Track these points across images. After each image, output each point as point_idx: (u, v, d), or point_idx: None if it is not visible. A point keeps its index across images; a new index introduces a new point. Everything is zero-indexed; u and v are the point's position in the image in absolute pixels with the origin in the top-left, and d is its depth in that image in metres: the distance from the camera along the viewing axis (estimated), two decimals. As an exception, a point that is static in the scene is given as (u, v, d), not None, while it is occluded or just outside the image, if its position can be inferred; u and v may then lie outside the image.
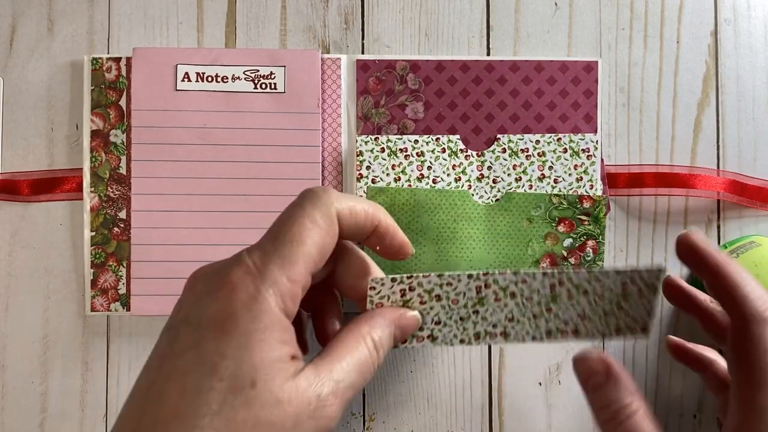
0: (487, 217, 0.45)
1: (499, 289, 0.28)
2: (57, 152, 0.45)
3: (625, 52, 0.47)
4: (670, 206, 0.47)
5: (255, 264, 0.24)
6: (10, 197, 0.45)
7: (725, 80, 0.47)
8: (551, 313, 0.28)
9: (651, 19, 0.47)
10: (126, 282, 0.44)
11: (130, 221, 0.44)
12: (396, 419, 0.45)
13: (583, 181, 0.45)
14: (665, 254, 0.46)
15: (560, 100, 0.46)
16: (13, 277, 0.45)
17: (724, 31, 0.47)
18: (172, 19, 0.46)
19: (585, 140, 0.45)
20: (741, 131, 0.47)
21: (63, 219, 0.45)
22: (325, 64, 0.45)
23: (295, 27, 0.46)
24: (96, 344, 0.45)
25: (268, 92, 0.45)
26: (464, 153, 0.45)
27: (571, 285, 0.28)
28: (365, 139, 0.45)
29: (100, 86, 0.45)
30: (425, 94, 0.45)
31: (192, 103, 0.44)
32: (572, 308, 0.28)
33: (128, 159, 0.45)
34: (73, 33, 0.46)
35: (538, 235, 0.45)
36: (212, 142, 0.44)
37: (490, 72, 0.46)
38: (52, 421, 0.45)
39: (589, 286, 0.28)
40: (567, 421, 0.46)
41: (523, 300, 0.28)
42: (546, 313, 0.28)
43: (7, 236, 0.45)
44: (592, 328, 0.28)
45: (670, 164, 0.46)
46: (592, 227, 0.44)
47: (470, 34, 0.47)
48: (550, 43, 0.47)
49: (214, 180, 0.44)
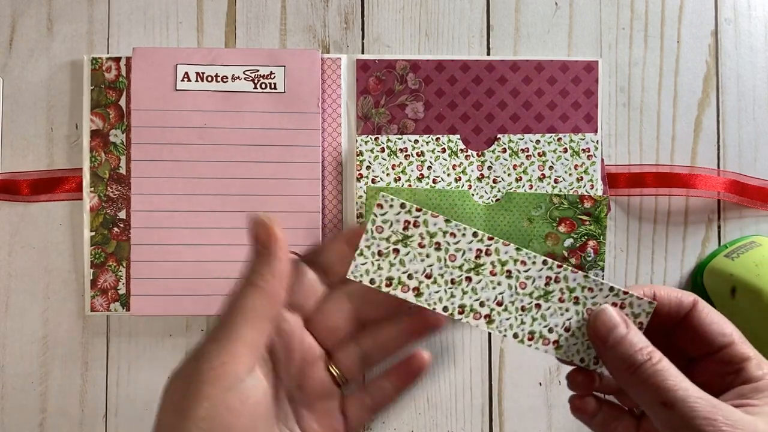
0: (487, 217, 0.45)
1: (498, 262, 0.27)
2: (57, 152, 0.45)
3: (626, 52, 0.47)
4: (671, 206, 0.46)
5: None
6: (10, 197, 0.45)
7: (726, 80, 0.47)
8: (539, 312, 0.27)
9: (651, 18, 0.47)
10: (126, 282, 0.44)
11: (129, 221, 0.44)
12: (396, 419, 0.45)
13: (583, 181, 0.45)
14: (665, 254, 0.46)
15: (560, 99, 0.45)
16: (13, 277, 0.45)
17: (725, 31, 0.47)
18: (172, 19, 0.46)
19: (585, 140, 0.45)
20: (741, 131, 0.47)
21: (63, 219, 0.45)
22: (325, 64, 0.45)
23: (295, 27, 0.46)
24: (96, 344, 0.45)
25: (268, 92, 0.45)
26: (464, 153, 0.45)
27: (565, 286, 0.27)
28: (365, 139, 0.45)
29: (100, 86, 0.45)
30: (425, 93, 0.45)
31: (192, 103, 0.44)
32: (560, 315, 0.27)
33: (128, 159, 0.45)
34: (72, 33, 0.46)
35: (538, 235, 0.44)
36: (212, 141, 0.44)
37: (491, 72, 0.46)
38: (52, 421, 0.45)
39: (581, 293, 0.27)
40: (567, 421, 0.46)
41: (517, 284, 0.27)
42: (535, 308, 0.27)
43: (7, 236, 0.45)
44: (573, 349, 0.28)
45: (670, 164, 0.46)
46: (593, 227, 0.44)
47: (470, 33, 0.47)
48: (550, 42, 0.47)
49: (214, 180, 0.44)
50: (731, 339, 0.27)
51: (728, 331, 0.27)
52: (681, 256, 0.46)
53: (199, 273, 0.44)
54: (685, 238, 0.46)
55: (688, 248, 0.46)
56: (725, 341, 0.27)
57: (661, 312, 0.27)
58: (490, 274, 0.27)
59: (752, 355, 0.26)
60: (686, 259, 0.46)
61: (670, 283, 0.46)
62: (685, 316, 0.27)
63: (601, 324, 0.26)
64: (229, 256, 0.43)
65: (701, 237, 0.46)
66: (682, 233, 0.46)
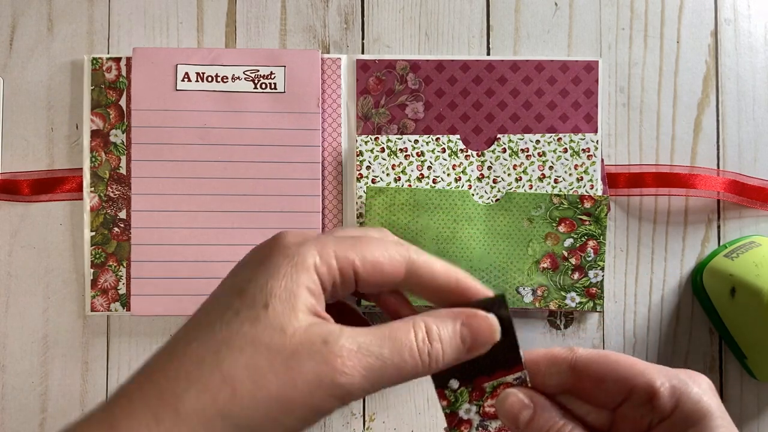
0: (487, 217, 0.45)
1: None
2: (57, 152, 0.45)
3: (626, 52, 0.47)
4: (671, 206, 0.47)
5: (307, 235, 0.25)
6: (10, 197, 0.45)
7: (725, 80, 0.47)
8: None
9: (651, 18, 0.47)
10: (126, 282, 0.44)
11: (130, 221, 0.44)
12: (396, 419, 0.45)
13: (583, 181, 0.45)
14: (665, 254, 0.46)
15: (560, 99, 0.46)
16: (13, 277, 0.45)
17: (725, 31, 0.47)
18: (172, 19, 0.46)
19: (585, 140, 0.45)
20: (741, 131, 0.47)
21: (63, 219, 0.45)
22: (325, 64, 0.45)
23: (295, 27, 0.46)
24: (96, 344, 0.45)
25: (268, 92, 0.45)
26: (464, 153, 0.45)
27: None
28: (365, 139, 0.45)
29: (100, 86, 0.45)
30: (425, 93, 0.45)
31: (192, 103, 0.44)
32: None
33: (128, 159, 0.45)
34: (73, 33, 0.46)
35: (538, 235, 0.44)
36: (212, 141, 0.44)
37: (491, 72, 0.46)
38: (52, 421, 0.45)
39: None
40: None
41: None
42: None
43: (7, 236, 0.45)
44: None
45: (670, 164, 0.46)
46: (593, 227, 0.44)
47: (470, 33, 0.47)
48: (550, 42, 0.47)
49: (213, 180, 0.44)
50: (633, 381, 0.25)
51: (628, 374, 0.25)
52: (681, 256, 0.46)
53: (199, 273, 0.44)
54: (685, 238, 0.47)
55: (687, 248, 0.47)
56: (628, 385, 0.25)
57: (551, 372, 0.27)
58: None
59: (658, 385, 0.25)
60: (686, 259, 0.46)
61: (670, 282, 0.46)
62: (579, 371, 0.27)
63: (509, 408, 0.26)
64: (229, 256, 0.43)
65: (701, 237, 0.47)
66: (682, 233, 0.47)
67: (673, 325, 0.46)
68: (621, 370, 0.25)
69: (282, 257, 0.24)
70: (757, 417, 0.46)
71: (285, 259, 0.24)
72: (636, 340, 0.46)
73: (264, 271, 0.24)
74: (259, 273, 0.24)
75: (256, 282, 0.23)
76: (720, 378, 0.46)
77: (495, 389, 0.27)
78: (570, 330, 0.46)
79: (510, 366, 0.27)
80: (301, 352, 0.22)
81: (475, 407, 0.27)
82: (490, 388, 0.27)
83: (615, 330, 0.46)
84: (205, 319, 0.24)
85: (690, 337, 0.46)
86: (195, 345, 0.23)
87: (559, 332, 0.46)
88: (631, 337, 0.46)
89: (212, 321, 0.23)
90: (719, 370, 0.46)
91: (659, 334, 0.46)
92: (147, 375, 0.23)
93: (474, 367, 0.27)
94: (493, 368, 0.27)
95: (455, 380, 0.27)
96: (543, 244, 0.44)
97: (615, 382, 0.25)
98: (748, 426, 0.46)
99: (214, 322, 0.23)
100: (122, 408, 0.22)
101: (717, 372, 0.46)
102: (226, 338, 0.22)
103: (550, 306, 0.44)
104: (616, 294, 0.46)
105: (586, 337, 0.46)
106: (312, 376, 0.22)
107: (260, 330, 0.22)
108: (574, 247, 0.44)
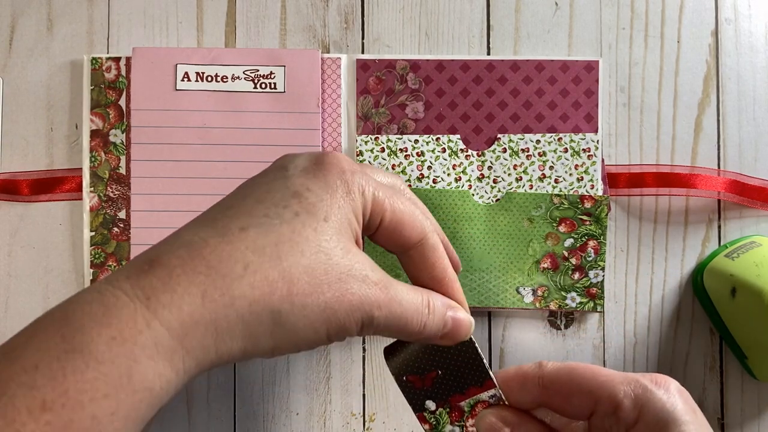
0: (487, 217, 0.45)
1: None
2: (57, 152, 0.45)
3: (626, 52, 0.47)
4: (671, 206, 0.46)
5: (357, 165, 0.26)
6: (9, 197, 0.45)
7: (726, 80, 0.47)
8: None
9: (651, 18, 0.47)
10: (126, 282, 0.44)
11: (129, 221, 0.44)
12: (396, 419, 0.45)
13: (583, 181, 0.45)
14: (665, 254, 0.46)
15: (561, 99, 0.45)
16: (12, 277, 0.45)
17: (725, 31, 0.47)
18: (171, 19, 0.46)
19: (585, 140, 0.45)
20: (742, 131, 0.47)
21: (63, 219, 0.45)
22: (325, 64, 0.45)
23: (295, 27, 0.46)
24: (96, 344, 0.45)
25: (268, 92, 0.45)
26: (464, 153, 0.45)
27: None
28: (365, 139, 0.45)
29: (100, 86, 0.45)
30: (425, 93, 0.45)
31: (192, 103, 0.44)
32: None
33: (128, 159, 0.44)
34: (72, 33, 0.46)
35: (538, 235, 0.44)
36: (212, 141, 0.44)
37: (491, 71, 0.46)
38: (52, 422, 0.44)
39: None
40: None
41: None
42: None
43: (7, 236, 0.45)
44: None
45: (670, 164, 0.46)
46: (593, 227, 0.44)
47: (470, 33, 0.47)
48: (550, 42, 0.47)
49: (213, 180, 0.44)
50: (597, 393, 0.25)
51: (591, 386, 0.26)
52: (681, 256, 0.46)
53: (199, 273, 0.44)
54: (685, 238, 0.46)
55: (688, 248, 0.46)
56: (593, 398, 0.25)
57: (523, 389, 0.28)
58: None
59: (621, 397, 0.25)
60: (686, 259, 0.46)
61: (671, 283, 0.46)
62: (547, 388, 0.27)
63: (486, 429, 0.27)
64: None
65: (701, 237, 0.46)
66: (682, 233, 0.46)
67: (674, 326, 0.46)
68: (584, 383, 0.26)
69: (339, 179, 0.24)
70: (758, 417, 0.46)
71: (342, 183, 0.24)
72: (636, 340, 0.46)
73: (321, 185, 0.24)
74: (315, 184, 0.24)
75: (315, 192, 0.24)
76: (720, 378, 0.46)
77: (473, 408, 0.28)
78: (570, 330, 0.46)
79: (480, 382, 0.27)
80: (354, 275, 0.23)
81: (458, 428, 0.28)
82: (468, 407, 0.28)
83: (615, 330, 0.46)
84: (258, 208, 0.24)
85: (690, 338, 0.46)
86: (252, 232, 0.23)
87: (560, 332, 0.46)
88: (631, 337, 0.46)
89: (268, 213, 0.23)
90: (719, 370, 0.46)
91: (659, 334, 0.46)
92: (193, 250, 0.23)
93: (444, 385, 0.27)
94: (463, 386, 0.27)
95: (431, 401, 0.28)
96: (543, 244, 0.44)
97: (580, 395, 0.26)
98: (749, 426, 0.45)
99: (270, 215, 0.23)
100: (160, 279, 0.22)
101: (717, 372, 0.46)
102: (287, 235, 0.23)
103: (551, 306, 0.44)
104: (616, 294, 0.46)
105: (587, 338, 0.46)
106: (357, 299, 0.23)
107: (323, 240, 0.23)
108: (574, 247, 0.44)
